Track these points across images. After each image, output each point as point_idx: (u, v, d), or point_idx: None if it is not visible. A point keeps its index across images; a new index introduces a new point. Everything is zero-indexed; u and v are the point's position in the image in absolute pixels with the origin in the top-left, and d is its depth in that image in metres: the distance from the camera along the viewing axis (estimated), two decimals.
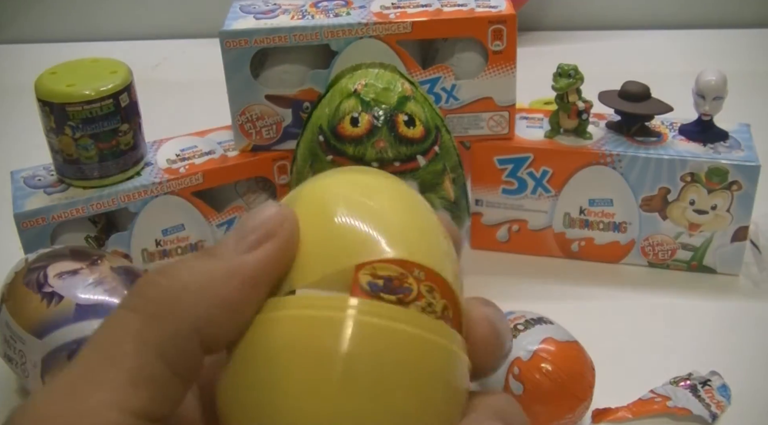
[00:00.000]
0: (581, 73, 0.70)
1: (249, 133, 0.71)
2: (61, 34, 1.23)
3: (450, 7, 0.70)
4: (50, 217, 0.65)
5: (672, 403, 0.58)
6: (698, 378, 0.60)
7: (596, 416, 0.58)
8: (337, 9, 0.70)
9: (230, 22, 0.69)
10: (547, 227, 0.74)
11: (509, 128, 0.72)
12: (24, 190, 0.67)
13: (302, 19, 0.69)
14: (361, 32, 0.68)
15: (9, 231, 0.67)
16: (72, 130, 0.65)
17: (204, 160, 0.71)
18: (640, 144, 0.70)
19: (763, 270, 0.72)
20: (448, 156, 0.65)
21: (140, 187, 0.68)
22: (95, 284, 0.57)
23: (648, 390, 0.59)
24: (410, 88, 0.64)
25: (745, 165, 0.68)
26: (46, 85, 0.65)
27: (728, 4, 1.19)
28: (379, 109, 0.62)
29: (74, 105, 0.64)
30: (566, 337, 0.56)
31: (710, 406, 0.57)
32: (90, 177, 0.67)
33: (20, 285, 0.58)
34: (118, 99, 0.66)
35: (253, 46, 0.68)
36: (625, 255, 0.73)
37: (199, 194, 0.70)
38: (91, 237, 0.68)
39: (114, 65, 0.68)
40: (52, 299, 0.56)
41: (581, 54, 1.02)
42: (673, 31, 1.18)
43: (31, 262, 0.59)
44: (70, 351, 0.54)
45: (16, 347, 0.56)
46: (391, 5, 0.70)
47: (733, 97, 0.70)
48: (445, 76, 0.70)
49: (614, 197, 0.71)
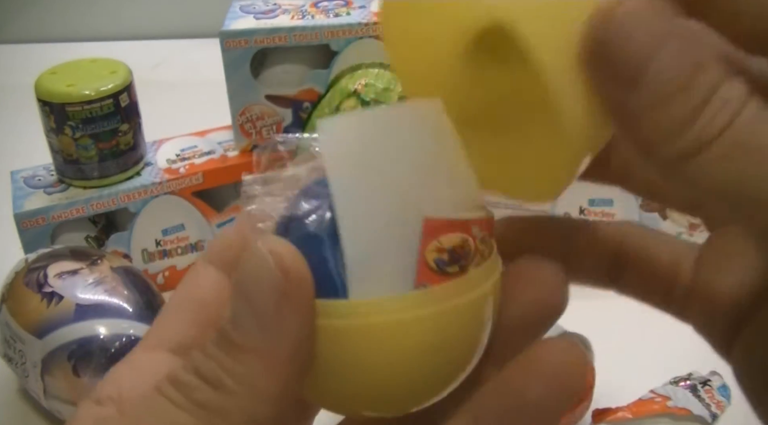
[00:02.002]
0: None
1: (249, 133, 0.71)
2: (61, 34, 1.23)
3: None
4: (50, 217, 0.65)
5: (672, 403, 0.58)
6: (698, 378, 0.60)
7: (596, 416, 0.58)
8: (337, 9, 0.70)
9: (230, 22, 0.69)
10: None
11: None
12: (24, 190, 0.67)
13: (302, 19, 0.69)
14: (361, 32, 0.68)
15: (9, 231, 0.67)
16: (72, 130, 0.65)
17: (204, 160, 0.71)
18: None
19: None
20: None
21: (140, 187, 0.68)
22: (95, 284, 0.57)
23: (648, 390, 0.59)
24: None
25: None
26: (46, 85, 0.65)
27: None
28: None
29: (74, 105, 0.64)
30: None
31: (710, 406, 0.57)
32: (90, 177, 0.67)
33: (20, 285, 0.58)
34: (118, 99, 0.66)
35: (253, 46, 0.68)
36: None
37: (199, 194, 0.70)
38: (91, 237, 0.68)
39: (114, 65, 0.68)
40: (52, 299, 0.56)
41: None
42: None
43: (31, 262, 0.59)
44: (69, 351, 0.54)
45: (16, 347, 0.56)
46: None
47: None
48: None
49: (614, 197, 0.71)
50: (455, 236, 0.23)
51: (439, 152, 0.23)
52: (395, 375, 0.23)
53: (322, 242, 0.22)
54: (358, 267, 0.22)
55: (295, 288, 0.21)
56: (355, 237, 0.22)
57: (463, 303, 0.23)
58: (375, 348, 0.22)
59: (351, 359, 0.23)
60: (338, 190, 0.22)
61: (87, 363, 0.54)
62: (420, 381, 0.23)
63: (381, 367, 0.23)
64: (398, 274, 0.22)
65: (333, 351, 0.22)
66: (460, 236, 0.23)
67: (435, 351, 0.23)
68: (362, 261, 0.22)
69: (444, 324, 0.23)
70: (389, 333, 0.22)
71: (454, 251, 0.23)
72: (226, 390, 0.21)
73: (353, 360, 0.23)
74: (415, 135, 0.23)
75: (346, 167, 0.22)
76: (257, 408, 0.21)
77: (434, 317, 0.22)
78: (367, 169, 0.22)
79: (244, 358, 0.21)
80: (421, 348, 0.23)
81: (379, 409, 0.24)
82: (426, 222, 0.22)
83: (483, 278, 0.23)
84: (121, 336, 0.55)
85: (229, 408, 0.21)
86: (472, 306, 0.23)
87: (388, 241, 0.22)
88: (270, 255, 0.21)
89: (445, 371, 0.24)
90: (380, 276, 0.22)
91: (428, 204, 0.22)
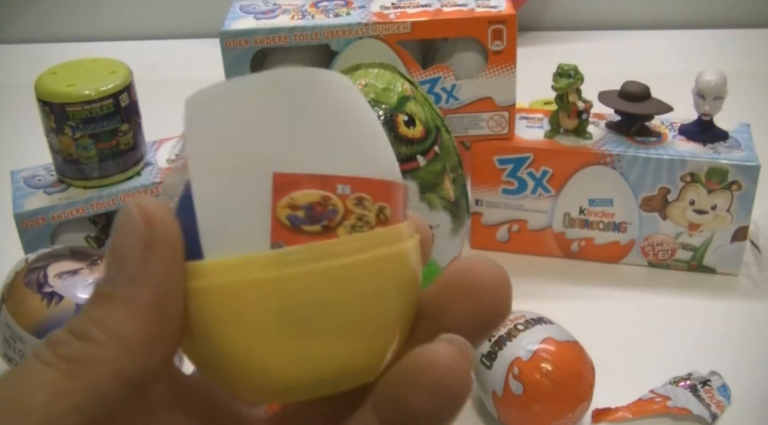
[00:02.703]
0: (581, 73, 0.70)
1: None
2: (61, 34, 1.23)
3: (450, 7, 0.70)
4: (50, 217, 0.65)
5: (672, 403, 0.58)
6: (698, 378, 0.60)
7: (596, 416, 0.58)
8: (337, 9, 0.70)
9: (230, 22, 0.69)
10: (547, 227, 0.74)
11: (509, 128, 0.72)
12: (24, 190, 0.67)
13: (302, 19, 0.69)
14: (361, 32, 0.68)
15: (9, 231, 0.67)
16: (72, 130, 0.65)
17: None
18: (640, 144, 0.70)
19: (763, 270, 0.72)
20: (448, 156, 0.65)
21: (140, 187, 0.68)
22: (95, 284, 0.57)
23: (648, 390, 0.59)
24: (410, 88, 0.64)
25: (745, 165, 0.68)
26: (46, 85, 0.65)
27: (728, 4, 1.19)
28: (379, 109, 0.62)
29: (74, 105, 0.64)
30: (566, 337, 0.56)
31: (710, 406, 0.57)
32: (90, 177, 0.67)
33: (20, 285, 0.58)
34: (118, 99, 0.66)
35: (253, 46, 0.68)
36: (625, 255, 0.73)
37: None
38: (91, 237, 0.68)
39: (114, 65, 0.68)
40: (52, 299, 0.56)
41: (581, 54, 1.02)
42: (673, 31, 1.18)
43: (31, 262, 0.59)
44: None
45: (16, 347, 0.56)
46: (391, 5, 0.70)
47: (733, 97, 0.70)
48: (445, 76, 0.70)
49: (614, 197, 0.71)
50: (311, 192, 0.21)
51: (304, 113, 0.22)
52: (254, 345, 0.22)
53: (187, 205, 0.22)
54: (210, 226, 0.22)
55: (160, 239, 0.22)
56: (204, 197, 0.22)
57: (327, 268, 0.21)
58: (229, 311, 0.21)
59: (211, 324, 0.22)
60: (191, 152, 0.22)
61: None
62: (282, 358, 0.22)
63: (238, 334, 0.22)
64: (251, 233, 0.21)
65: (198, 315, 0.22)
66: (318, 193, 0.21)
67: (296, 321, 0.21)
68: (213, 219, 0.22)
69: (305, 290, 0.21)
70: (243, 295, 0.21)
71: (312, 208, 0.21)
72: (91, 340, 0.22)
73: (214, 326, 0.22)
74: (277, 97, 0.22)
75: (200, 131, 0.22)
76: (121, 358, 0.21)
77: (292, 279, 0.21)
78: (219, 132, 0.22)
79: (109, 306, 0.22)
80: (280, 316, 0.21)
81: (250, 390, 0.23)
82: (276, 177, 0.21)
83: (360, 246, 0.22)
84: None
85: (94, 358, 0.21)
86: (341, 274, 0.21)
87: (239, 198, 0.21)
88: (135, 207, 0.22)
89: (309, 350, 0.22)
90: (233, 235, 0.21)
91: (281, 160, 0.21)
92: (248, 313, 0.21)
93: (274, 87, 0.22)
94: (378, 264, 0.22)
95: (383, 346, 0.23)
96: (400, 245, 0.23)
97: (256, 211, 0.21)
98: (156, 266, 0.22)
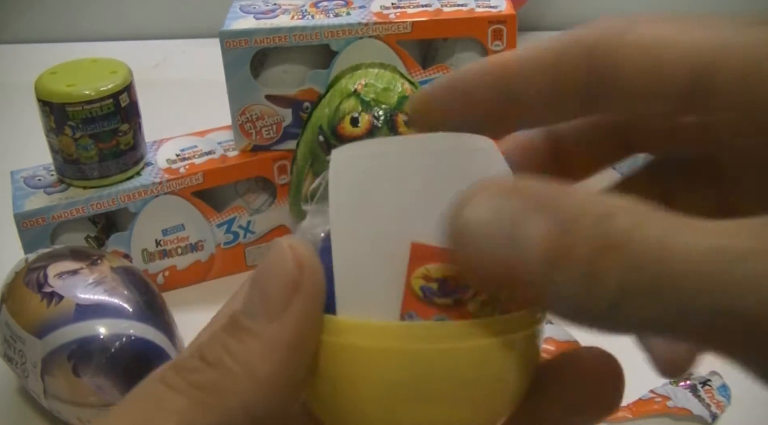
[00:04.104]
0: None
1: (249, 133, 0.71)
2: (61, 34, 1.23)
3: (450, 7, 0.70)
4: (50, 217, 0.65)
5: (672, 403, 0.58)
6: (698, 378, 0.60)
7: None
8: (337, 9, 0.70)
9: (230, 22, 0.69)
10: None
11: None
12: (24, 190, 0.67)
13: (302, 19, 0.69)
14: (361, 32, 0.68)
15: (9, 231, 0.67)
16: (72, 130, 0.65)
17: (204, 160, 0.71)
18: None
19: None
20: None
21: (140, 187, 0.68)
22: (95, 284, 0.57)
23: (648, 390, 0.59)
24: (410, 88, 0.64)
25: None
26: (46, 85, 0.65)
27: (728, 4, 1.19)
28: (379, 109, 0.62)
29: (74, 105, 0.64)
30: (566, 337, 0.56)
31: (710, 406, 0.57)
32: (90, 177, 0.67)
33: (20, 285, 0.58)
34: (118, 99, 0.66)
35: (253, 46, 0.68)
36: None
37: (199, 194, 0.70)
38: (91, 237, 0.68)
39: (114, 65, 0.68)
40: (52, 299, 0.56)
41: None
42: None
43: (31, 262, 0.59)
44: (69, 351, 0.54)
45: (16, 347, 0.56)
46: (391, 5, 0.70)
47: None
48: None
49: None
50: (447, 266, 0.22)
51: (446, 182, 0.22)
52: (376, 404, 0.22)
53: (326, 256, 0.23)
54: (345, 283, 0.22)
55: (307, 284, 0.22)
56: (343, 254, 0.22)
57: (460, 348, 0.22)
58: (359, 371, 0.22)
59: (340, 379, 0.23)
60: (335, 206, 0.23)
61: (87, 363, 0.54)
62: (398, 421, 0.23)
63: (363, 393, 0.22)
64: (385, 298, 0.22)
65: (327, 366, 0.23)
66: (454, 267, 0.22)
67: (421, 390, 0.22)
68: (349, 277, 0.22)
69: (435, 365, 0.22)
70: (375, 360, 0.22)
71: (446, 282, 0.22)
72: (225, 369, 0.22)
73: (337, 379, 0.23)
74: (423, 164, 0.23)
75: (345, 187, 0.23)
76: (253, 393, 0.22)
77: (425, 354, 0.22)
78: (363, 192, 0.23)
79: (247, 339, 0.22)
80: (406, 384, 0.22)
81: None
82: (414, 247, 0.22)
83: (494, 331, 0.22)
84: (121, 336, 0.55)
85: (227, 389, 0.22)
86: (473, 355, 0.22)
87: (376, 262, 0.22)
88: (289, 248, 0.22)
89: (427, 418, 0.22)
90: (366, 296, 0.22)
91: (420, 230, 0.22)
92: (377, 377, 0.22)
93: (422, 153, 0.23)
94: (507, 349, 0.23)
95: (496, 420, 0.24)
96: (528, 331, 0.23)
97: (391, 278, 0.22)
98: (299, 309, 0.22)
